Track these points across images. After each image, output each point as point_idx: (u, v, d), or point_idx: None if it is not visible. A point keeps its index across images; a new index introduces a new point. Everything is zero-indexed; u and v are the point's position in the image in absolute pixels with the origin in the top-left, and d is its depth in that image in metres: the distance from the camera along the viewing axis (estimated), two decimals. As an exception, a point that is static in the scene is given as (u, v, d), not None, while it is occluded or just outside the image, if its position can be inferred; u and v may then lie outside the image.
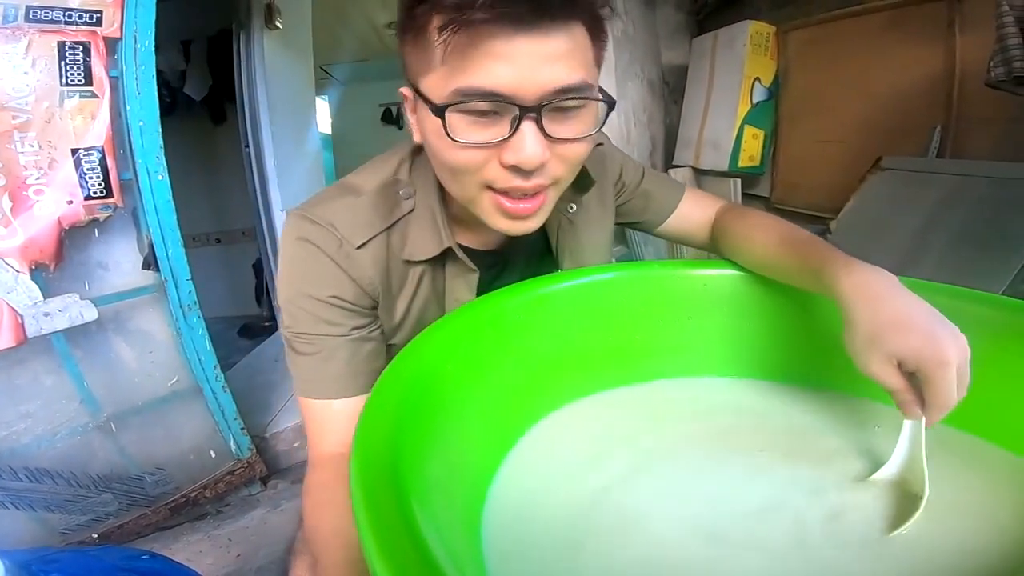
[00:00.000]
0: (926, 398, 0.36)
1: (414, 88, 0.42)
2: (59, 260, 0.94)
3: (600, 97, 0.41)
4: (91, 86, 0.93)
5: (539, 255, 0.60)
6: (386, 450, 0.28)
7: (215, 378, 1.21)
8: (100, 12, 0.93)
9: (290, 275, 0.48)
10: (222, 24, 2.09)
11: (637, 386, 0.54)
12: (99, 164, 0.95)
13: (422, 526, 0.24)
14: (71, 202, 0.93)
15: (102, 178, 0.95)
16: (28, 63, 0.88)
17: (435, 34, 0.37)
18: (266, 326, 2.44)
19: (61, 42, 0.90)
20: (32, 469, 1.03)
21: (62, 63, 0.90)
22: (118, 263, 1.06)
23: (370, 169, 0.52)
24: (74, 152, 0.92)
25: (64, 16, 0.90)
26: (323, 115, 4.10)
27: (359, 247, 0.47)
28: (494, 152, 0.40)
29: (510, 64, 0.37)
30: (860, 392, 0.49)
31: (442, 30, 0.36)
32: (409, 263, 0.50)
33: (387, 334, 0.52)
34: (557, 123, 0.40)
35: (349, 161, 3.05)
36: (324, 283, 0.47)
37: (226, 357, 1.40)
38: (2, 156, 0.87)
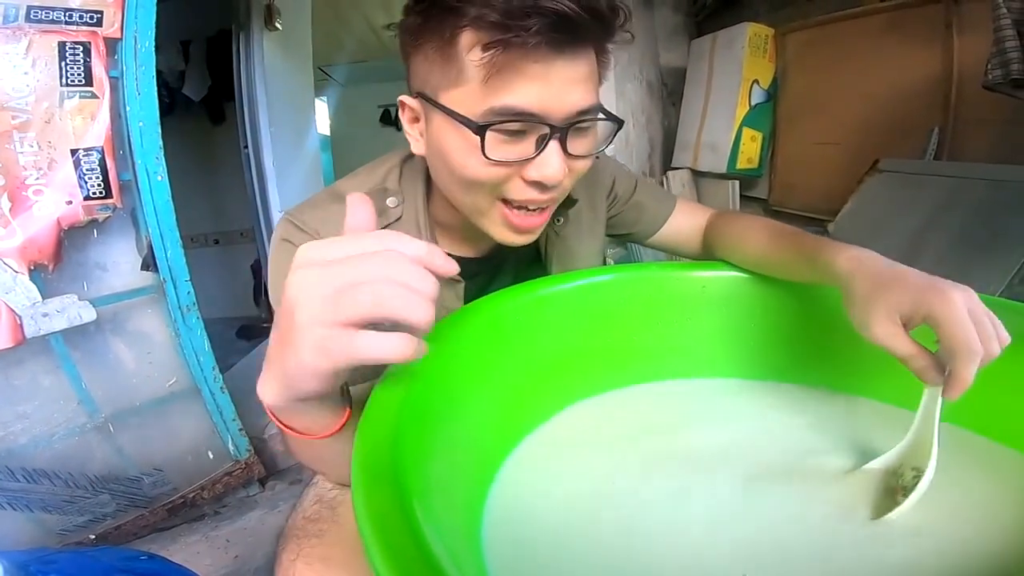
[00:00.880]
0: (945, 348, 0.33)
1: (429, 99, 0.42)
2: (58, 261, 0.94)
3: (614, 118, 0.44)
4: (91, 86, 0.93)
5: (528, 263, 0.60)
6: (387, 450, 0.28)
7: (213, 379, 1.21)
8: (101, 12, 0.93)
9: (278, 277, 0.48)
10: (221, 24, 2.09)
11: (636, 387, 0.54)
12: (98, 164, 0.95)
13: (424, 527, 0.24)
14: (70, 202, 0.93)
15: (101, 178, 0.95)
16: (28, 63, 0.88)
17: (469, 50, 0.38)
18: (264, 327, 2.43)
19: (61, 42, 0.90)
20: (29, 470, 1.03)
21: (62, 63, 0.90)
22: (117, 264, 1.06)
23: (360, 176, 0.54)
24: (73, 152, 0.92)
25: (65, 16, 0.90)
26: (322, 116, 4.09)
27: None
28: (517, 169, 0.42)
29: (546, 86, 0.38)
30: (860, 391, 0.49)
31: (485, 48, 0.36)
32: None
33: None
34: (575, 141, 0.42)
35: (348, 162, 3.04)
36: None
37: (224, 358, 1.39)
38: (2, 156, 0.86)
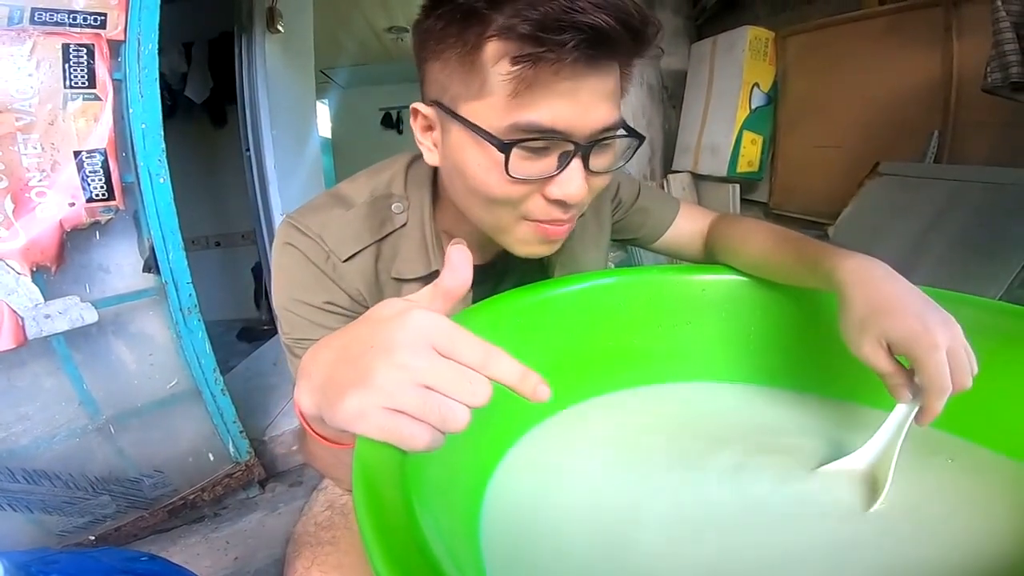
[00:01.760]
0: (920, 383, 0.36)
1: (448, 110, 0.40)
2: (60, 262, 0.95)
3: (636, 133, 0.42)
4: (94, 88, 0.93)
5: (531, 270, 0.59)
6: (387, 451, 0.28)
7: (214, 381, 1.21)
8: (104, 15, 0.93)
9: (282, 282, 0.48)
10: (223, 27, 2.10)
11: (635, 390, 0.54)
12: (101, 166, 0.95)
13: (425, 529, 0.24)
14: (73, 204, 0.93)
15: (104, 180, 0.96)
16: (32, 65, 0.88)
17: (496, 62, 0.36)
18: (265, 329, 2.43)
19: (65, 44, 0.90)
20: (30, 471, 1.03)
21: (66, 65, 0.90)
22: (119, 266, 1.06)
23: (363, 179, 0.52)
24: (76, 154, 0.93)
25: (68, 18, 0.90)
26: (323, 119, 4.10)
27: (346, 260, 0.47)
28: (538, 186, 0.40)
29: (574, 102, 0.37)
30: (858, 398, 0.49)
31: (514, 61, 0.35)
32: (400, 280, 0.50)
33: None
34: (596, 157, 0.41)
35: (349, 165, 3.05)
36: (316, 291, 0.47)
37: (225, 360, 1.40)
38: (5, 158, 0.87)
